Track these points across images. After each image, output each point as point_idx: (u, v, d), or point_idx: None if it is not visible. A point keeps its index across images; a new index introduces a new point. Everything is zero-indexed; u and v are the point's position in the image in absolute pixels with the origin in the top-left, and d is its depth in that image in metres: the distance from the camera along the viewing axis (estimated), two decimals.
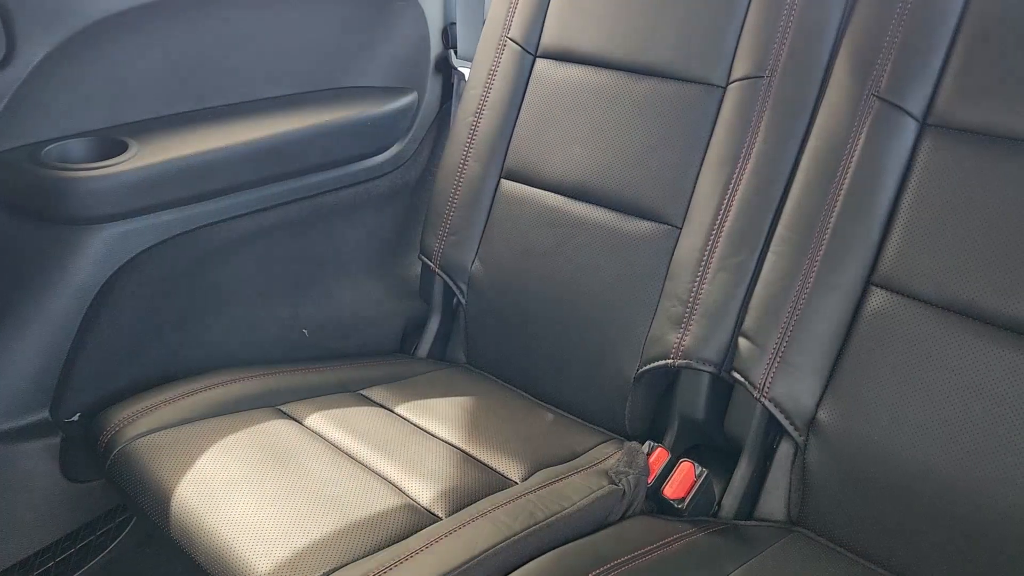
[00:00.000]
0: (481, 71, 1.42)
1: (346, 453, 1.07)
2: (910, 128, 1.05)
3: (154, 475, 1.02)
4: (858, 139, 1.07)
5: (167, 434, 1.07)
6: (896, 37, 1.07)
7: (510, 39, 1.40)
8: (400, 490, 1.01)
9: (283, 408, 1.17)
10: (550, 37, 1.37)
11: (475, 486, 1.04)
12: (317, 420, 1.14)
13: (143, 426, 1.08)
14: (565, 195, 1.32)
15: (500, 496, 1.01)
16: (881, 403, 1.01)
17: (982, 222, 0.98)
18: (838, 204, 1.07)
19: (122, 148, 1.16)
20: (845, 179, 1.07)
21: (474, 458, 1.11)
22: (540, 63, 1.38)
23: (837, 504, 1.05)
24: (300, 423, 1.14)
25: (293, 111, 1.36)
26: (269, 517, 0.93)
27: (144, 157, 1.16)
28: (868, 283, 1.05)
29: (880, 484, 1.00)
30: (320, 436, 1.11)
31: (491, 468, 1.10)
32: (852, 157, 1.07)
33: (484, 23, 1.45)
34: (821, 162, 1.09)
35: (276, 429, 1.11)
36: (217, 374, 1.21)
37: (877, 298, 1.04)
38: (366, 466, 1.05)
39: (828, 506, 1.06)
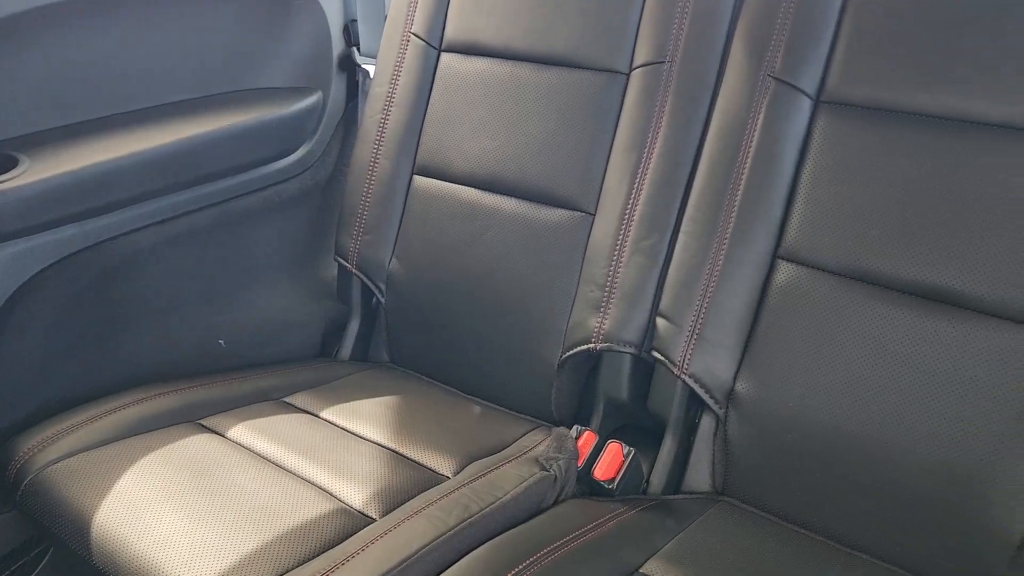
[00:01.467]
0: (386, 68, 1.41)
1: (272, 462, 1.06)
2: (805, 106, 1.09)
3: (71, 502, 0.98)
4: (757, 119, 1.10)
5: (82, 458, 1.03)
6: (787, 19, 1.11)
7: (413, 34, 1.39)
8: (331, 495, 1.00)
9: (204, 422, 1.15)
10: (453, 31, 1.37)
11: (407, 484, 1.04)
12: (240, 431, 1.12)
13: (55, 452, 1.04)
14: (478, 188, 1.32)
15: (433, 492, 1.02)
16: (794, 372, 1.05)
17: (877, 192, 1.02)
18: (742, 183, 1.10)
19: (12, 163, 1.11)
20: (747, 158, 1.10)
21: (404, 456, 1.11)
22: (445, 57, 1.38)
23: (759, 471, 1.09)
24: (223, 436, 1.11)
25: (194, 116, 1.32)
26: (197, 534, 0.91)
27: (37, 172, 1.11)
28: (775, 257, 1.09)
29: (797, 449, 1.05)
30: (244, 447, 1.09)
31: (422, 465, 1.10)
32: (752, 137, 1.10)
33: (386, 19, 1.44)
34: (723, 143, 1.13)
35: (198, 444, 1.08)
36: (132, 392, 1.17)
37: (784, 271, 1.08)
38: (294, 474, 1.04)
39: (751, 474, 1.10)
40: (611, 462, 1.10)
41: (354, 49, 1.53)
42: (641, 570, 0.94)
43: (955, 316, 0.97)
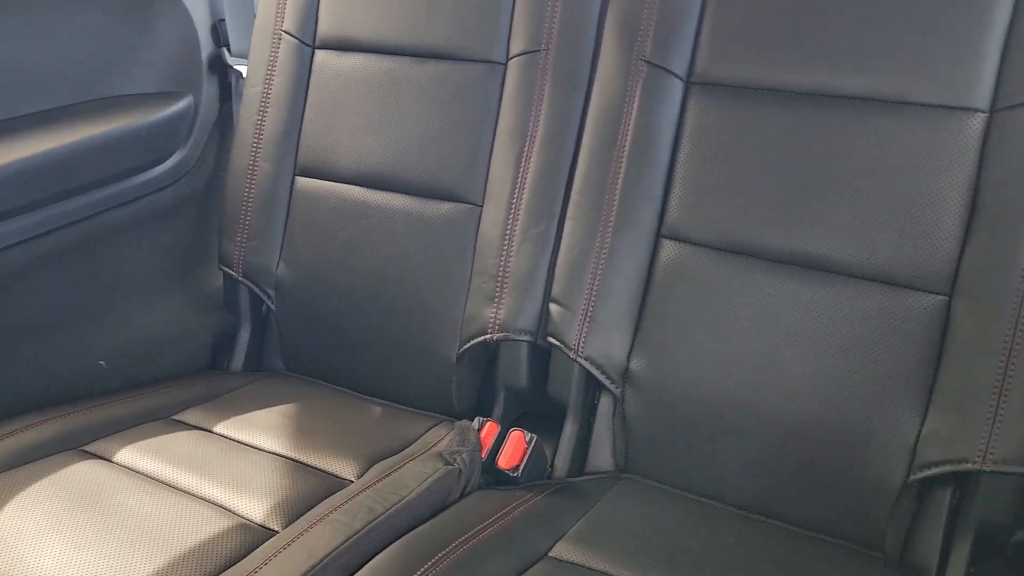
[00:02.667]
0: (259, 68, 1.37)
1: (165, 483, 1.01)
2: (677, 88, 1.12)
3: None
4: (632, 103, 1.13)
5: None
6: (655, 3, 1.13)
7: (285, 32, 1.36)
8: (229, 511, 0.97)
9: (88, 448, 1.09)
10: (326, 27, 1.34)
11: (310, 492, 1.02)
12: (128, 455, 1.07)
13: None
14: (363, 186, 1.30)
15: (337, 498, 1.00)
16: (683, 346, 1.08)
17: (748, 167, 1.06)
18: (622, 166, 1.13)
19: None
20: (625, 142, 1.13)
21: (305, 464, 1.09)
22: (320, 54, 1.35)
23: (658, 446, 1.12)
24: (109, 461, 1.06)
25: (57, 127, 1.25)
26: (87, 564, 0.86)
27: None
28: (658, 236, 1.12)
29: (691, 421, 1.08)
30: (133, 471, 1.04)
31: (324, 471, 1.08)
32: (629, 120, 1.13)
33: (255, 17, 1.40)
34: (602, 128, 1.15)
35: (82, 472, 1.02)
36: (7, 423, 1.10)
37: (668, 250, 1.11)
38: (189, 493, 1.00)
39: (650, 449, 1.13)
40: (514, 450, 1.11)
41: (224, 50, 1.48)
42: (550, 554, 0.95)
43: (829, 282, 1.02)
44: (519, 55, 1.21)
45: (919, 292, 0.98)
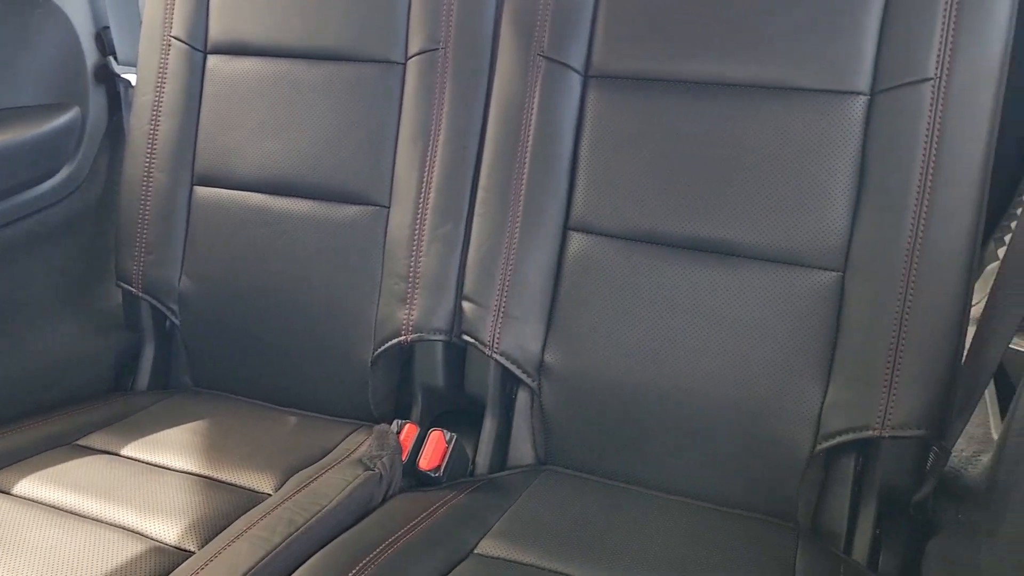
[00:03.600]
0: (148, 76, 1.33)
1: (71, 512, 0.97)
2: (575, 82, 1.13)
3: None
4: (533, 98, 1.14)
5: None
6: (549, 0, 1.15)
7: (174, 38, 1.31)
8: (142, 535, 0.94)
9: None
10: (217, 31, 1.31)
11: (226, 509, 0.99)
12: (29, 485, 1.02)
13: None
14: (265, 192, 1.27)
15: (254, 513, 0.97)
16: (595, 336, 1.10)
17: (648, 157, 1.09)
18: (526, 161, 1.14)
19: None
20: (528, 137, 1.14)
21: (219, 481, 1.06)
22: (212, 59, 1.31)
23: (576, 436, 1.13)
24: (8, 493, 1.01)
25: None
26: None
27: None
28: (566, 229, 1.14)
29: (606, 408, 1.10)
30: (36, 502, 0.99)
31: (240, 487, 1.05)
32: (531, 115, 1.14)
33: (141, 24, 1.35)
34: (505, 124, 1.15)
35: None
36: None
37: (575, 242, 1.13)
38: (97, 520, 0.96)
39: (569, 439, 1.14)
40: (435, 451, 1.11)
41: (110, 58, 1.42)
42: (476, 551, 0.95)
43: (731, 264, 1.05)
44: (417, 54, 1.20)
45: (815, 270, 1.02)
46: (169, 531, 0.94)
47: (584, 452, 1.14)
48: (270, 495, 1.03)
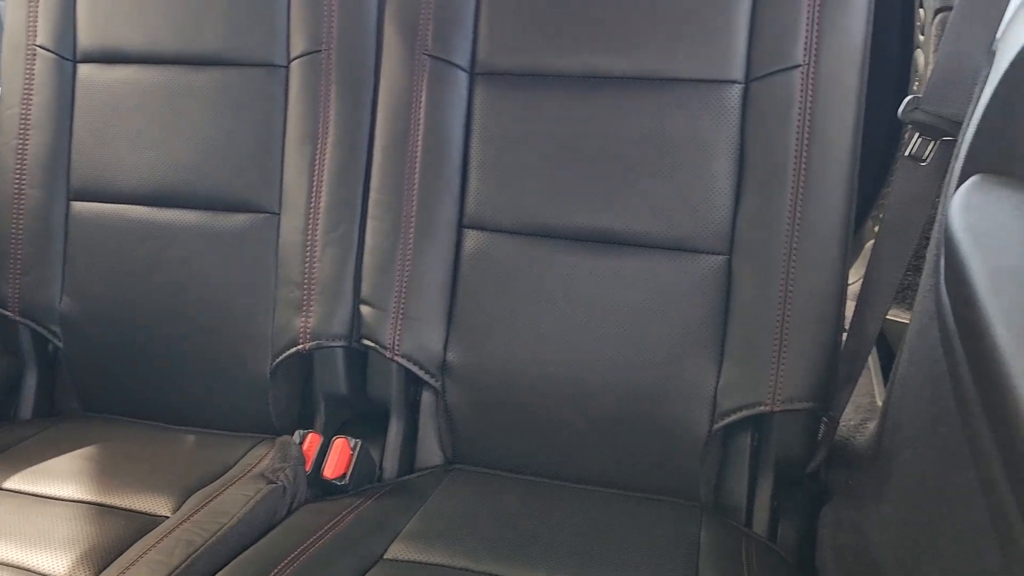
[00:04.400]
0: (14, 88, 1.26)
1: None
2: (462, 79, 1.13)
3: None
4: (420, 98, 1.13)
5: None
6: None
7: (40, 47, 1.25)
8: (29, 570, 0.89)
9: None
10: (87, 39, 1.25)
11: (121, 536, 0.95)
12: None
13: None
14: (148, 204, 1.23)
15: (151, 536, 0.94)
16: (494, 332, 1.10)
17: (537, 152, 1.10)
18: (417, 161, 1.13)
19: None
20: (418, 137, 1.13)
21: (113, 507, 1.01)
22: (83, 69, 1.26)
23: (482, 432, 1.14)
24: None
25: None
26: None
27: None
28: (461, 227, 1.14)
29: (510, 403, 1.11)
30: None
31: (135, 511, 1.01)
32: (419, 115, 1.13)
33: (3, 33, 1.28)
34: (394, 124, 1.15)
35: None
36: None
37: (471, 239, 1.13)
38: None
39: (476, 437, 1.14)
40: (339, 459, 1.09)
41: None
42: (385, 556, 0.94)
43: (623, 253, 1.07)
44: (300, 57, 1.18)
45: (703, 254, 1.05)
46: (59, 563, 0.90)
47: (491, 448, 1.14)
48: (168, 517, 0.99)
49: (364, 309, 1.15)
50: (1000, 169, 0.71)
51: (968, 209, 0.67)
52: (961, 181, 0.73)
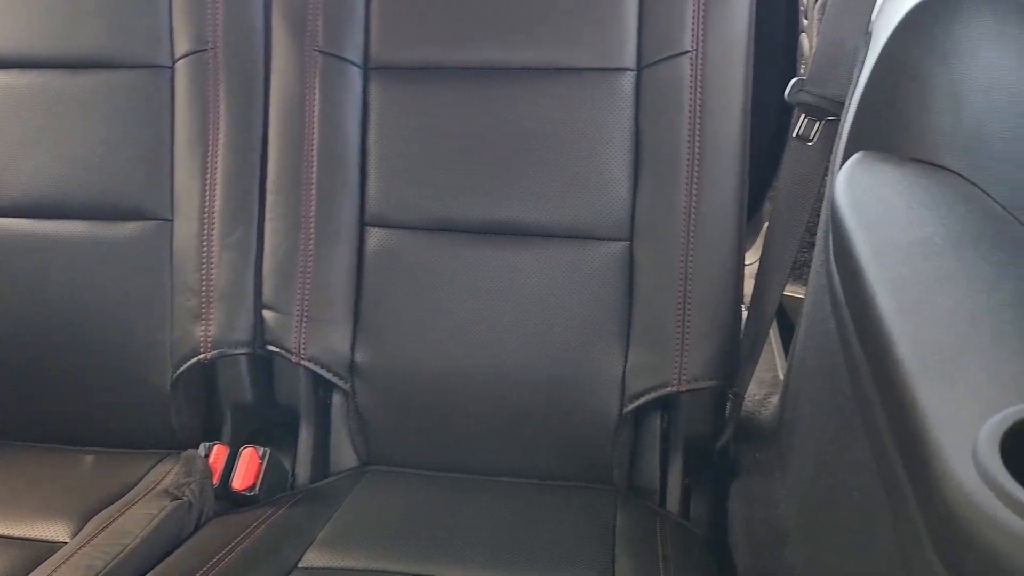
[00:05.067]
0: None
1: None
2: (355, 75, 1.11)
3: None
4: (314, 95, 1.11)
5: None
6: None
7: None
8: None
9: None
10: None
11: (15, 566, 0.90)
12: None
13: None
14: (30, 217, 1.16)
15: (49, 564, 0.89)
16: (403, 330, 1.09)
17: (437, 146, 1.09)
18: (314, 160, 1.11)
19: None
20: (314, 136, 1.11)
21: (7, 537, 0.96)
22: None
23: (396, 432, 1.12)
24: None
25: None
26: None
27: None
28: (363, 225, 1.12)
29: (423, 401, 1.10)
30: None
31: (31, 540, 0.96)
32: (314, 113, 1.11)
33: None
34: (287, 123, 1.12)
35: None
36: None
37: (374, 237, 1.11)
38: None
39: (390, 437, 1.13)
40: (248, 469, 1.06)
41: None
42: (300, 564, 0.91)
43: (527, 244, 1.07)
44: (185, 56, 1.14)
45: (605, 241, 1.06)
46: None
47: (406, 447, 1.13)
48: (67, 543, 0.95)
49: (266, 314, 1.12)
50: (881, 146, 0.74)
51: (852, 185, 0.70)
52: (845, 159, 0.75)
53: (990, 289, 0.51)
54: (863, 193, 0.68)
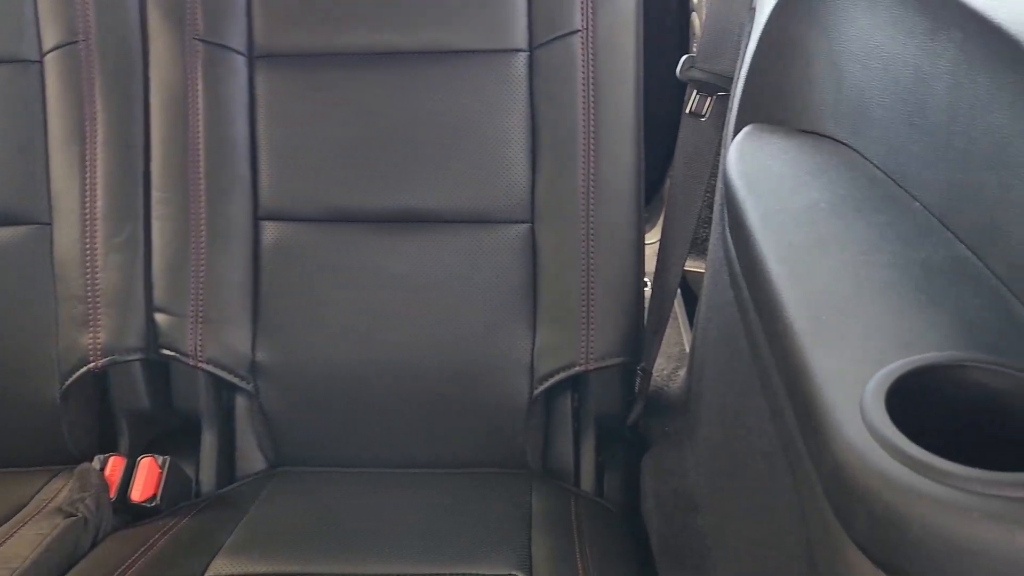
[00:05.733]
0: None
1: None
2: (240, 64, 1.07)
3: None
4: (196, 85, 1.06)
5: None
6: None
7: None
8: None
9: None
10: None
11: None
12: None
13: None
14: None
15: None
16: (304, 326, 1.06)
17: (330, 135, 1.06)
18: (201, 154, 1.06)
19: None
20: (199, 128, 1.06)
21: None
22: None
23: (305, 429, 1.09)
24: None
25: None
26: None
27: None
28: (257, 220, 1.08)
29: (329, 397, 1.07)
30: None
31: None
32: (198, 105, 1.06)
33: None
34: (171, 117, 1.07)
35: None
36: None
37: (269, 231, 1.08)
38: None
39: (298, 436, 1.10)
40: (147, 479, 1.01)
41: None
42: (207, 573, 0.88)
43: (427, 231, 1.06)
44: (54, 49, 1.07)
45: (506, 224, 1.05)
46: None
47: (316, 445, 1.10)
48: None
49: (159, 317, 1.07)
50: (769, 118, 0.75)
51: (742, 158, 0.71)
52: (736, 132, 0.77)
53: (872, 251, 0.52)
54: (753, 165, 0.70)
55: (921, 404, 0.38)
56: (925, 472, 0.34)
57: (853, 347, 0.43)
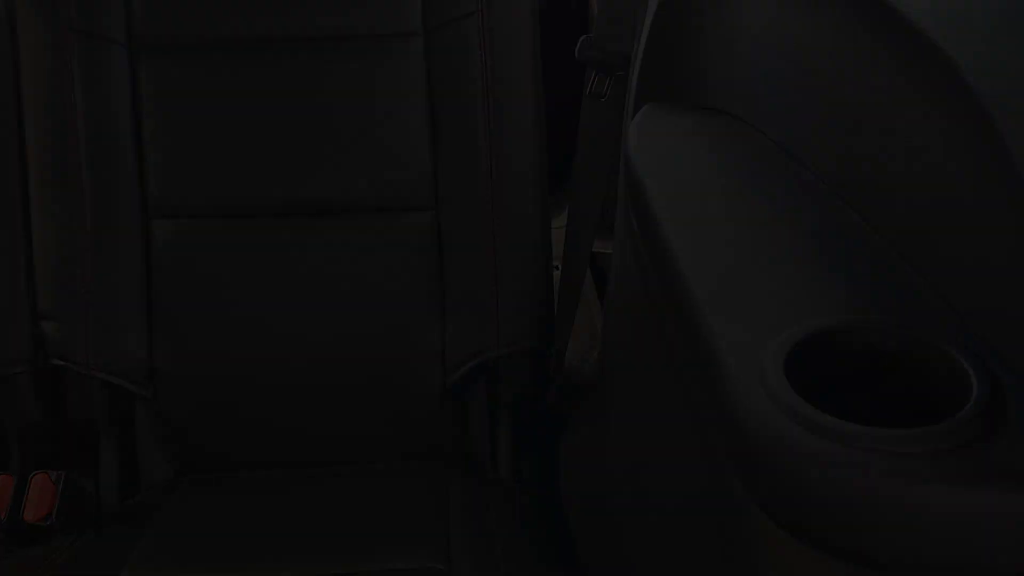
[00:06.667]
0: None
1: None
2: (121, 56, 1.02)
3: None
4: (73, 80, 1.00)
5: None
6: None
7: None
8: None
9: None
10: None
11: None
12: None
13: None
14: None
15: None
16: (204, 328, 1.02)
17: (222, 126, 1.02)
18: (82, 152, 1.00)
19: None
20: (78, 125, 1.00)
21: None
22: None
23: (210, 434, 1.06)
24: None
25: None
26: None
27: None
28: (147, 219, 1.03)
29: (235, 399, 1.04)
30: None
31: None
32: (76, 99, 1.00)
33: None
34: (46, 114, 1.01)
35: None
36: None
37: (161, 230, 1.03)
38: None
39: (204, 441, 1.06)
40: (41, 497, 0.95)
41: None
42: None
43: (328, 222, 1.03)
44: None
45: (411, 211, 1.03)
46: None
47: (224, 449, 1.06)
48: None
49: (46, 325, 1.01)
50: (666, 96, 0.76)
51: (641, 137, 0.72)
52: (635, 112, 0.77)
53: (768, 222, 0.53)
54: (652, 143, 0.70)
55: (818, 367, 0.39)
56: (823, 433, 0.34)
57: (751, 316, 0.43)
